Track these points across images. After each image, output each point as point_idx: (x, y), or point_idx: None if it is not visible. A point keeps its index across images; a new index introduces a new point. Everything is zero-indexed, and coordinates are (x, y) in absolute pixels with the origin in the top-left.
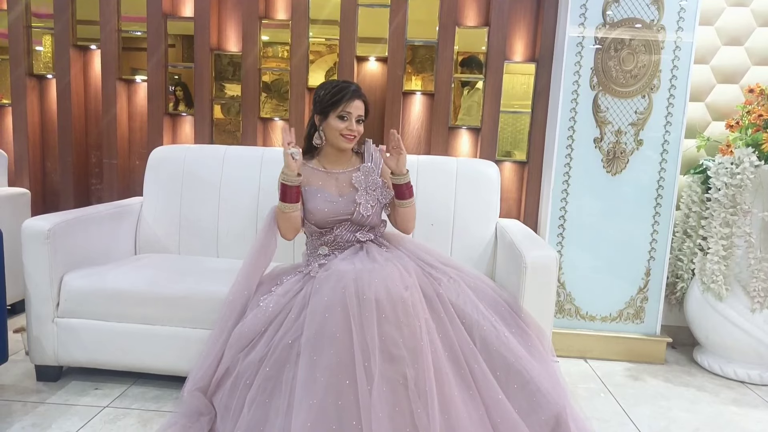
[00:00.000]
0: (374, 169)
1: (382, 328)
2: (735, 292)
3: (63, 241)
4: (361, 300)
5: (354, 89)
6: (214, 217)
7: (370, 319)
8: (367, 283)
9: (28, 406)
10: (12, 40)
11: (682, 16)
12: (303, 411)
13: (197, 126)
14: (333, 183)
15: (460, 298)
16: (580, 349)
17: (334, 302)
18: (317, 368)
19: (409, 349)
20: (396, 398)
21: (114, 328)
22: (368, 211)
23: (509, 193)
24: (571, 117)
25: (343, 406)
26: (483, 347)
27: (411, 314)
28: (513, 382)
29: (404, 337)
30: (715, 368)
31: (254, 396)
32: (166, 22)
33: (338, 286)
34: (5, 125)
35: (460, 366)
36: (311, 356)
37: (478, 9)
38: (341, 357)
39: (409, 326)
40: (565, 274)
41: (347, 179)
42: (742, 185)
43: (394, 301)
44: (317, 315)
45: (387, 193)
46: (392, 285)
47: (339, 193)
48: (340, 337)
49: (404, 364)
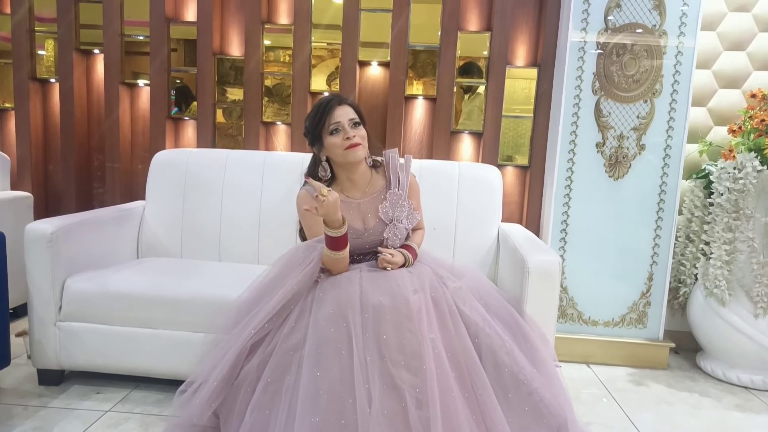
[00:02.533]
0: (401, 195)
1: (385, 334)
2: (738, 297)
3: (65, 244)
4: (365, 307)
5: (331, 98)
6: (216, 221)
7: (372, 328)
8: (372, 289)
9: (30, 409)
10: (15, 44)
11: (684, 21)
12: (305, 428)
13: (199, 130)
14: (357, 215)
15: (467, 305)
16: (583, 354)
17: (337, 315)
18: (320, 385)
19: (411, 355)
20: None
21: (116, 332)
22: (396, 244)
23: (511, 197)
24: (573, 122)
25: (346, 425)
26: (488, 356)
27: (415, 320)
28: (516, 392)
29: (407, 343)
30: (718, 373)
31: (255, 403)
32: (168, 26)
33: (342, 298)
34: (8, 129)
35: (462, 375)
36: (314, 371)
37: (480, 14)
38: (344, 374)
39: (412, 332)
40: (567, 278)
41: (373, 209)
42: (744, 190)
43: (398, 306)
44: (320, 328)
45: (414, 219)
46: (398, 289)
47: (364, 227)
48: (344, 354)
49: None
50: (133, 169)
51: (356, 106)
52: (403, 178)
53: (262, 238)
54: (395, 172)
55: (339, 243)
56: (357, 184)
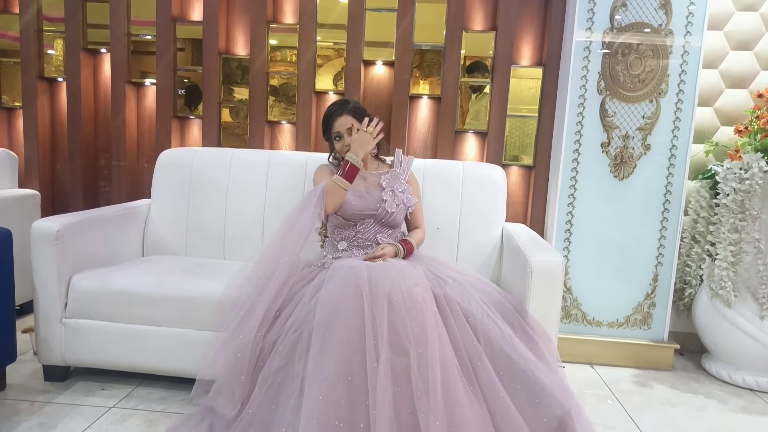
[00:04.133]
0: (401, 175)
1: (392, 316)
2: (743, 298)
3: (71, 242)
4: (373, 288)
5: (333, 110)
6: (221, 220)
7: (380, 306)
8: (379, 276)
9: (35, 405)
10: (23, 44)
11: (690, 21)
12: (315, 385)
13: (205, 129)
14: (361, 182)
15: (465, 298)
16: (587, 355)
17: (347, 286)
18: (329, 344)
19: (415, 338)
20: (398, 380)
21: (121, 329)
22: (393, 208)
23: (516, 197)
24: (578, 121)
25: (353, 382)
26: (487, 347)
27: (419, 305)
28: (517, 382)
29: (411, 327)
30: (723, 375)
31: (266, 377)
32: (175, 26)
33: (352, 273)
34: (16, 127)
35: (464, 364)
36: (323, 333)
37: (486, 13)
38: (352, 334)
39: (416, 318)
40: (571, 279)
41: (375, 180)
42: (750, 191)
43: (403, 293)
44: (331, 297)
45: (411, 199)
46: (402, 280)
47: (367, 191)
48: (352, 316)
49: (410, 354)
50: (139, 167)
51: (356, 110)
52: (405, 166)
53: (267, 237)
54: (399, 161)
55: (351, 173)
56: (364, 166)
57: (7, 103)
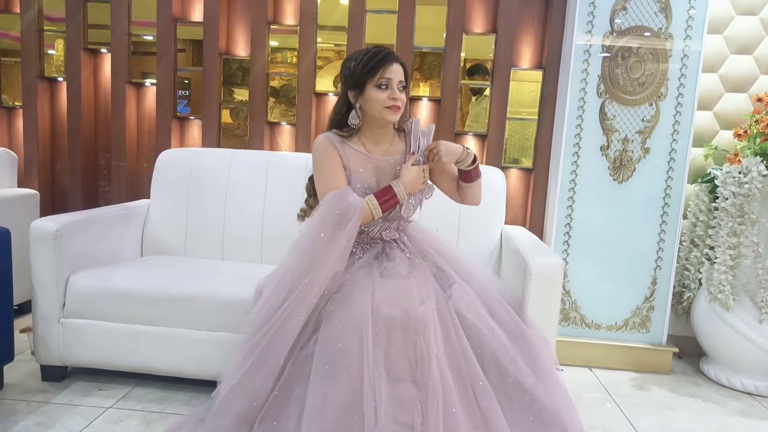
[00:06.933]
0: (420, 162)
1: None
2: (742, 302)
3: (70, 241)
4: (376, 320)
5: (389, 51)
6: (220, 220)
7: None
8: (384, 300)
9: (33, 405)
10: (24, 44)
11: (690, 25)
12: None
13: (205, 130)
14: (373, 171)
15: (471, 312)
16: (585, 358)
17: (349, 330)
18: (327, 402)
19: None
20: None
21: (119, 329)
22: (409, 212)
23: (515, 200)
24: (577, 124)
25: None
26: (491, 364)
27: (421, 332)
28: (520, 401)
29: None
30: (721, 379)
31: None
32: (175, 26)
33: (355, 312)
34: (16, 127)
35: (465, 387)
36: (322, 388)
37: (486, 16)
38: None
39: (419, 346)
40: (570, 281)
41: (390, 170)
42: (749, 195)
43: (408, 319)
44: (330, 342)
45: (430, 189)
46: (408, 301)
47: (378, 185)
48: (353, 370)
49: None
50: (139, 167)
51: (406, 69)
52: (423, 144)
53: (266, 238)
54: (417, 138)
55: (390, 205)
56: (380, 142)
57: (8, 102)
